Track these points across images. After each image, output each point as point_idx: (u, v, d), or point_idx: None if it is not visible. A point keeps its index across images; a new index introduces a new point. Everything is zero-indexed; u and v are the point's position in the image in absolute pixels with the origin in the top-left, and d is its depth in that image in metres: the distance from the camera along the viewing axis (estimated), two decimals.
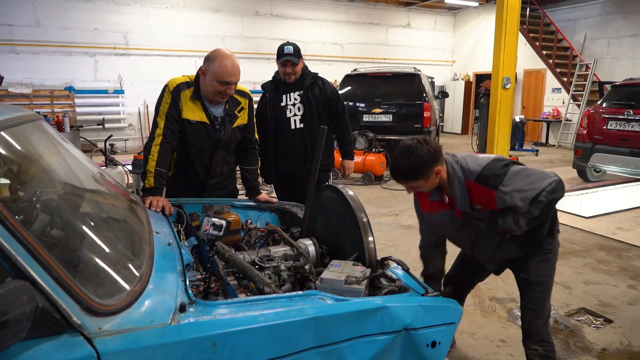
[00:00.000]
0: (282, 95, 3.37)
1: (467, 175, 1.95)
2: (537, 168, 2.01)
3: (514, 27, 7.37)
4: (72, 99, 10.66)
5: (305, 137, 3.34)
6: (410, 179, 1.97)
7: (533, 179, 1.89)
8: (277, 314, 1.29)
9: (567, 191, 6.80)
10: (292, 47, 3.23)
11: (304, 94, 3.32)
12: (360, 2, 14.12)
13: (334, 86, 3.40)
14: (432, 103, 8.85)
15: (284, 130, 3.37)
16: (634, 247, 4.61)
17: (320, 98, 3.34)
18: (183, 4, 11.77)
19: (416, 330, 1.45)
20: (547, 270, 2.10)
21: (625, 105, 6.84)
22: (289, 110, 3.35)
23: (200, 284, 1.57)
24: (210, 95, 2.38)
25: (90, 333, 1.05)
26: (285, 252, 1.98)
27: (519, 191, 1.86)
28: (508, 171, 1.91)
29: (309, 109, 3.32)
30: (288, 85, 3.34)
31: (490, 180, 1.90)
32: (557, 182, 1.90)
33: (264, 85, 3.52)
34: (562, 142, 12.77)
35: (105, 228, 1.56)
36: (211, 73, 2.31)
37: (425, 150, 1.91)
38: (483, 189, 1.93)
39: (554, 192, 1.88)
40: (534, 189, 1.86)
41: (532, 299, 2.12)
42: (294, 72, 3.27)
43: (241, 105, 2.55)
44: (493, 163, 1.94)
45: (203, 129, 2.45)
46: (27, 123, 1.64)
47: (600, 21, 12.59)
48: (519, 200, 1.86)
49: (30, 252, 1.02)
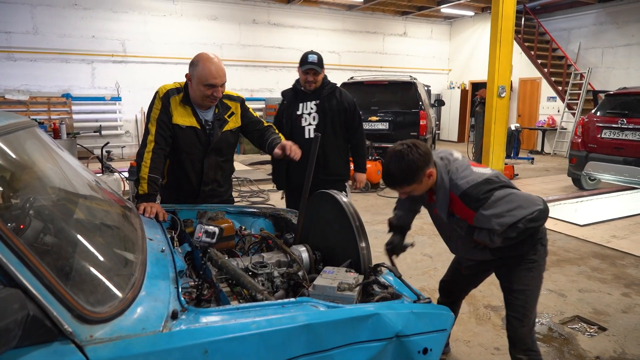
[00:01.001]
0: (299, 103, 3.38)
1: (452, 187, 1.97)
2: (525, 193, 1.99)
3: (509, 36, 7.45)
4: (69, 106, 10.68)
5: (319, 147, 3.33)
6: (404, 184, 1.99)
7: (515, 205, 1.89)
8: (268, 321, 1.29)
9: (562, 199, 6.92)
10: (317, 56, 3.24)
11: (320, 104, 3.31)
12: (357, 10, 14.24)
13: (352, 97, 3.38)
14: (428, 111, 8.89)
15: (297, 138, 3.29)
16: (628, 255, 4.63)
17: (336, 109, 3.32)
18: (181, 12, 11.84)
19: (408, 337, 1.45)
20: (530, 279, 2.09)
21: (619, 114, 6.90)
22: (304, 119, 3.35)
23: (193, 290, 1.57)
24: (199, 99, 2.39)
25: (81, 341, 1.05)
26: (278, 259, 1.99)
27: (497, 216, 1.87)
28: (491, 196, 1.89)
29: (324, 119, 3.31)
30: (306, 94, 3.35)
31: (472, 202, 1.91)
32: (539, 212, 1.90)
33: (284, 92, 3.55)
34: (557, 150, 12.86)
35: (98, 235, 1.56)
36: (196, 77, 2.32)
37: (416, 154, 1.92)
38: (464, 205, 1.95)
39: (534, 220, 1.89)
40: (513, 215, 1.87)
41: (515, 307, 2.12)
42: (315, 80, 3.27)
43: (231, 110, 2.55)
44: (480, 186, 1.92)
45: (193, 133, 2.45)
46: (20, 130, 1.64)
47: (594, 31, 12.73)
48: (496, 224, 1.88)
49: (22, 260, 1.02)
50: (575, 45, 13.20)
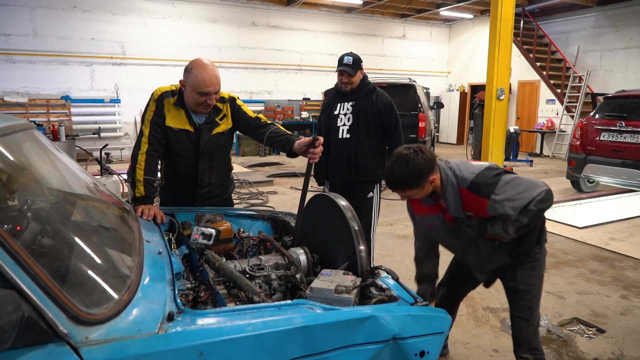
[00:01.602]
0: (337, 103, 3.49)
1: (459, 182, 1.97)
2: (527, 177, 2.04)
3: (508, 39, 7.46)
4: (68, 108, 10.68)
5: (350, 147, 3.40)
6: (406, 188, 1.99)
7: (524, 187, 1.93)
8: (265, 323, 1.29)
9: (561, 202, 6.92)
10: (352, 58, 3.32)
11: (355, 105, 3.39)
12: (356, 13, 14.27)
13: (390, 99, 3.42)
14: (427, 113, 8.90)
15: (333, 137, 3.48)
16: (627, 258, 4.63)
17: (371, 111, 3.37)
18: (180, 15, 11.86)
19: (405, 339, 1.45)
20: (534, 278, 2.11)
21: (618, 117, 6.91)
22: (339, 119, 3.45)
23: (190, 293, 1.57)
24: (192, 106, 2.37)
25: (76, 342, 1.05)
26: (276, 261, 1.98)
27: (509, 200, 1.89)
28: (500, 180, 1.94)
29: (357, 121, 3.38)
30: (344, 94, 3.45)
31: (483, 189, 1.92)
32: (546, 192, 1.93)
33: (327, 92, 3.71)
34: (556, 153, 12.87)
35: (95, 237, 1.56)
36: (189, 85, 2.28)
37: (422, 160, 1.93)
38: (475, 197, 1.95)
39: (543, 201, 1.91)
40: (524, 197, 1.89)
41: (520, 307, 2.14)
42: (350, 82, 3.36)
43: (223, 113, 2.50)
44: (486, 172, 1.96)
45: (186, 136, 2.43)
46: (19, 132, 1.64)
47: (593, 34, 12.77)
48: (510, 209, 1.89)
49: (17, 261, 1.02)
50: (574, 48, 13.24)
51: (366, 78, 3.46)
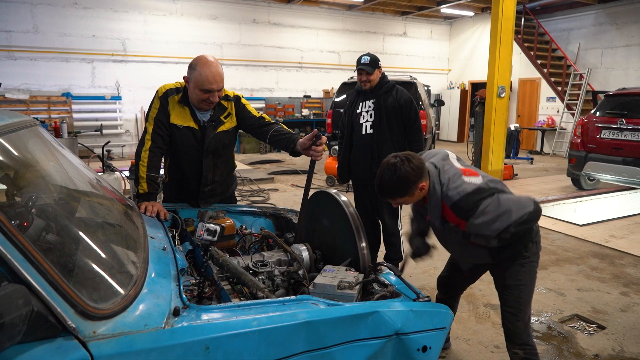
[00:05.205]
0: (359, 102, 3.67)
1: (444, 198, 1.99)
2: (516, 196, 2.02)
3: (509, 36, 7.45)
4: (70, 105, 10.69)
5: (373, 142, 3.58)
6: (395, 196, 2.03)
7: (504, 210, 1.91)
8: (269, 318, 1.30)
9: (561, 199, 6.92)
10: (369, 57, 3.51)
11: (377, 102, 3.57)
12: (357, 10, 14.25)
13: (409, 95, 3.58)
14: (428, 111, 8.89)
15: (356, 134, 3.66)
16: (627, 255, 4.65)
17: (392, 107, 3.53)
18: (181, 12, 11.84)
19: (407, 335, 1.47)
20: (522, 274, 2.12)
21: (618, 115, 6.91)
22: (362, 116, 3.63)
23: (194, 288, 1.59)
24: (196, 102, 2.38)
25: (84, 337, 1.06)
26: (279, 258, 2.00)
27: (488, 223, 1.91)
28: (481, 204, 1.91)
29: (379, 116, 3.55)
30: (365, 93, 3.64)
31: (463, 212, 1.94)
32: (529, 214, 1.94)
33: (348, 93, 3.90)
34: (556, 151, 12.87)
35: (101, 233, 1.57)
36: (193, 81, 2.30)
37: (409, 168, 1.94)
38: (455, 216, 1.98)
39: (524, 223, 1.94)
40: (503, 220, 1.90)
41: (509, 302, 2.15)
42: (369, 80, 3.54)
43: (227, 111, 2.51)
44: (470, 197, 1.92)
45: (190, 134, 2.44)
46: (24, 129, 1.66)
47: (593, 31, 12.75)
48: (487, 230, 1.93)
49: (26, 257, 1.04)
50: (574, 45, 13.22)
51: (385, 76, 3.64)
